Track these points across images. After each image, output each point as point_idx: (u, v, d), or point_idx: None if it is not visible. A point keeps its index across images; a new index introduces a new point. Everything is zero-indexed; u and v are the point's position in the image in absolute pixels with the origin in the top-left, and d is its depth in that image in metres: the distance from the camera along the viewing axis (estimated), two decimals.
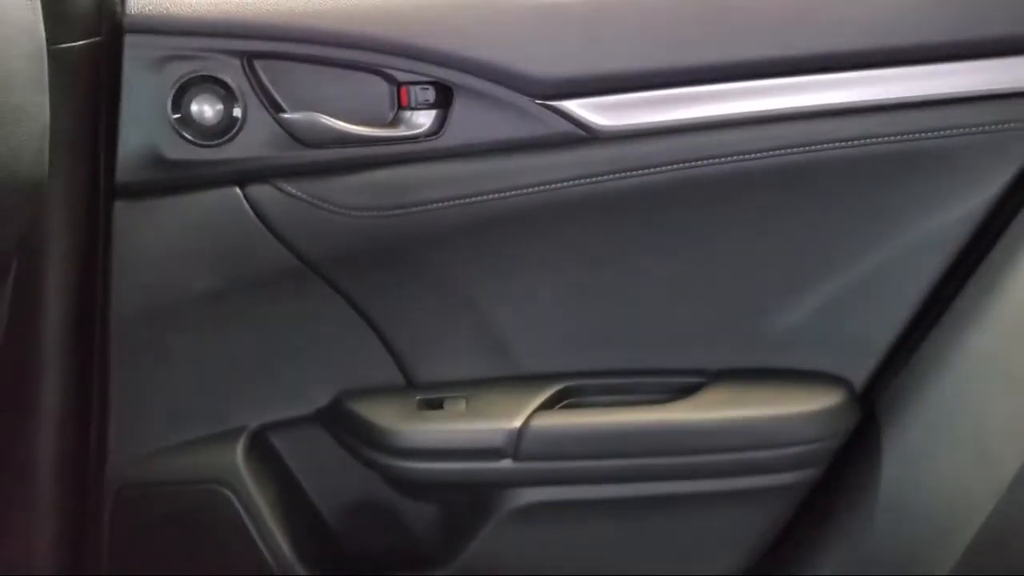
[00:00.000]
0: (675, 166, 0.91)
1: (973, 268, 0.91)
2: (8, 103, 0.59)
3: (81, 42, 0.82)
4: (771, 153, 0.90)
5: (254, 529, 0.98)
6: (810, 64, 0.88)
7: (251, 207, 0.91)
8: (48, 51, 0.70)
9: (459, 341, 0.99)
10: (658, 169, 0.91)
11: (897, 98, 0.87)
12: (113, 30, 0.87)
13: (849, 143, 0.89)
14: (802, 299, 0.96)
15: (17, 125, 0.61)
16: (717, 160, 0.91)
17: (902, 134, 0.88)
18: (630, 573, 0.96)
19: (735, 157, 0.91)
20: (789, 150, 0.90)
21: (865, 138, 0.89)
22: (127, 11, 0.87)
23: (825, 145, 0.89)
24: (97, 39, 0.86)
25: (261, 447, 1.00)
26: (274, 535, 0.98)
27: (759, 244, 0.95)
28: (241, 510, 0.98)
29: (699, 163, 0.91)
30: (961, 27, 0.87)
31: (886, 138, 0.88)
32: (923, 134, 0.88)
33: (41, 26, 0.64)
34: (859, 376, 0.96)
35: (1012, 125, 0.87)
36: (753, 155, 0.91)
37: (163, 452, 0.98)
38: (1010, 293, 0.87)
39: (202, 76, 0.88)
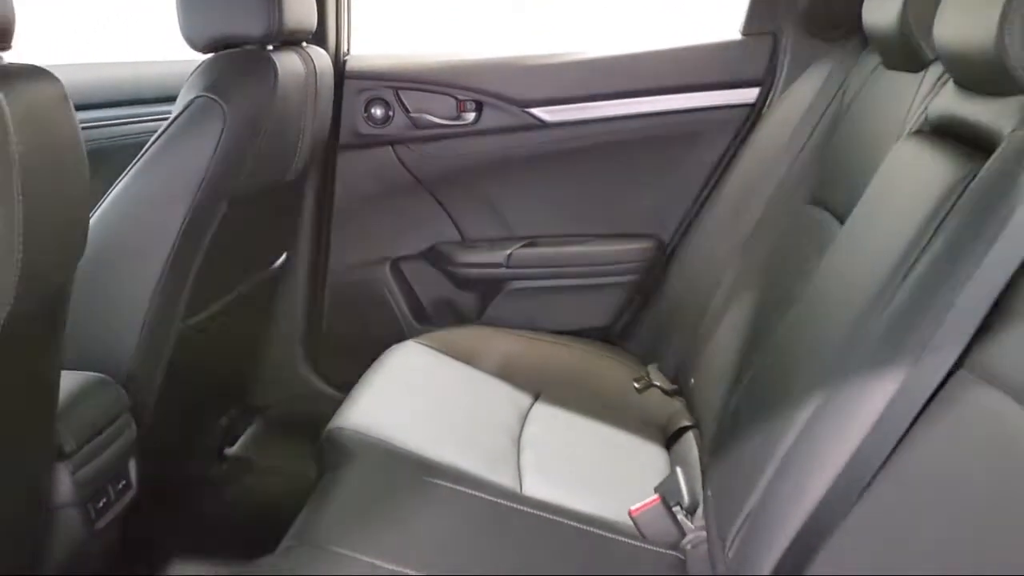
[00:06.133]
0: (583, 139, 1.90)
1: (716, 183, 1.86)
2: (328, 106, 1.59)
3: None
4: (619, 132, 1.88)
5: (392, 302, 1.99)
6: (636, 93, 1.85)
7: (396, 155, 1.92)
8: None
9: (484, 219, 1.99)
10: (575, 140, 1.90)
11: (671, 109, 1.85)
12: (339, 77, 1.87)
13: (657, 128, 1.86)
14: (639, 196, 1.93)
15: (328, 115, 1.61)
16: (602, 135, 1.89)
17: (678, 124, 1.85)
18: (558, 321, 1.94)
19: (609, 134, 1.88)
20: (632, 131, 1.87)
21: (661, 125, 1.86)
22: (346, 70, 1.88)
23: (646, 128, 1.87)
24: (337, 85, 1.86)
25: (396, 268, 2.01)
26: (402, 306, 1.99)
27: (619, 174, 1.93)
28: (388, 295, 1.99)
29: (593, 137, 1.89)
30: (693, 76, 1.84)
31: (671, 125, 1.85)
32: (688, 123, 1.85)
33: (332, 73, 1.64)
34: (663, 235, 1.94)
35: (719, 117, 1.83)
36: (617, 133, 1.88)
37: (355, 265, 1.99)
38: (726, 191, 1.82)
39: (376, 97, 1.89)
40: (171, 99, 1.38)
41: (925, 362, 0.84)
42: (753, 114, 1.83)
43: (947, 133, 1.07)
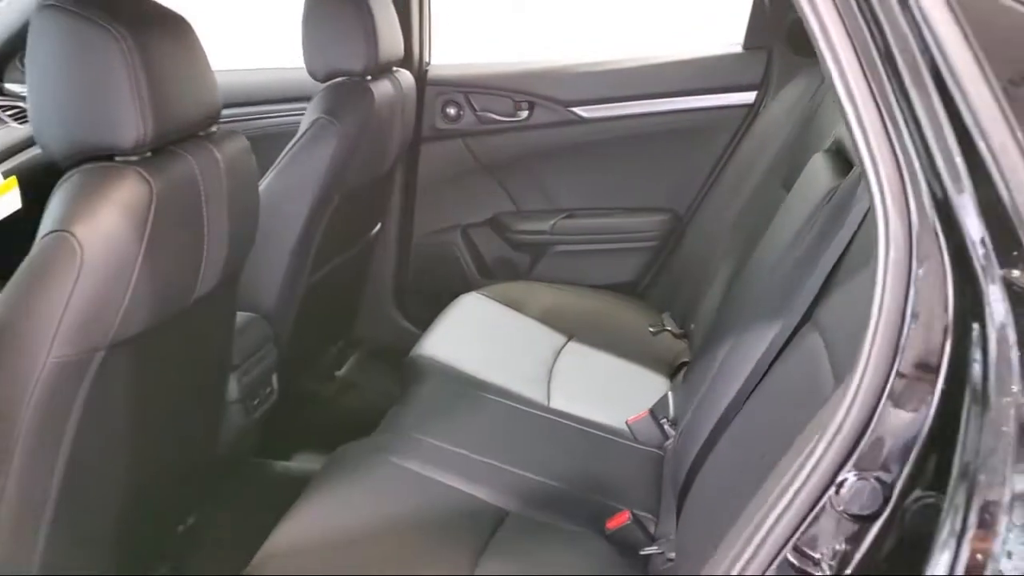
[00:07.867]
0: (615, 132, 2.33)
1: (722, 168, 2.27)
2: (412, 115, 2.07)
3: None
4: (644, 126, 2.29)
5: (462, 260, 2.48)
6: (658, 95, 2.27)
7: (465, 145, 2.39)
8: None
9: (534, 193, 2.45)
10: (608, 133, 2.33)
11: (686, 108, 2.25)
12: (421, 84, 2.33)
13: (674, 123, 2.27)
14: (660, 178, 2.35)
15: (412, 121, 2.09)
16: (631, 129, 2.31)
17: (691, 120, 2.25)
18: (592, 277, 2.39)
19: (636, 128, 2.31)
20: (654, 125, 2.29)
21: (678, 121, 2.26)
22: (427, 80, 2.35)
23: (658, 125, 2.28)
24: (419, 90, 2.34)
25: (465, 233, 2.49)
26: (469, 263, 2.48)
27: (643, 161, 2.36)
28: (458, 254, 2.48)
29: (623, 130, 2.31)
30: (704, 82, 2.24)
31: (686, 121, 2.26)
32: (699, 119, 2.25)
33: (415, 88, 2.12)
34: (679, 210, 2.36)
35: (724, 115, 2.23)
36: (643, 127, 2.30)
37: (433, 231, 2.48)
38: (728, 175, 2.23)
39: (450, 99, 2.36)
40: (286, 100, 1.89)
41: (789, 317, 1.27)
42: (751, 113, 2.22)
43: (838, 154, 1.48)
